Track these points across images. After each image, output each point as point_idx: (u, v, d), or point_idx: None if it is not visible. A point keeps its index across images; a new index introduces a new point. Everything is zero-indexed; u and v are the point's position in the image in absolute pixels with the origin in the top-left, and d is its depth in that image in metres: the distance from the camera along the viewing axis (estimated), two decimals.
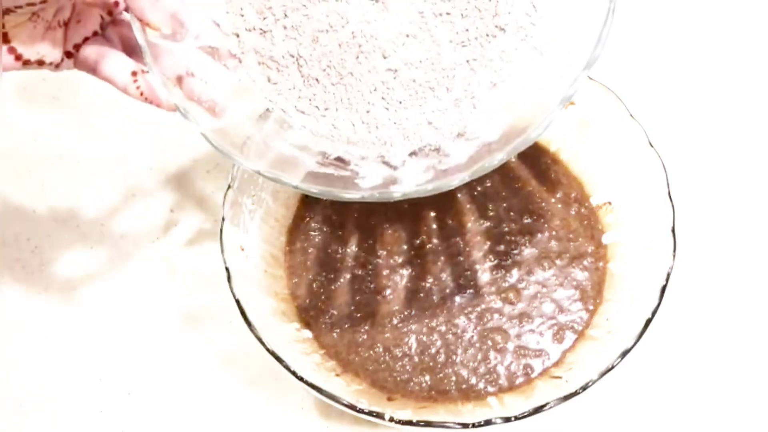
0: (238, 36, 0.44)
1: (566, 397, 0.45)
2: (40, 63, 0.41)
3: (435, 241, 0.56)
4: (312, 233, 0.57)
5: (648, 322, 0.47)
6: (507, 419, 0.45)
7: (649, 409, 0.54)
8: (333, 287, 0.55)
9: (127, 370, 0.55)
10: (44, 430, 0.53)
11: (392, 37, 0.43)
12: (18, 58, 0.40)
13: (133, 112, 0.63)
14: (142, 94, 0.41)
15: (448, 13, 0.43)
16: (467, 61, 0.43)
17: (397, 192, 0.40)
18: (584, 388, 0.45)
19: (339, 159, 0.44)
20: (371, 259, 0.56)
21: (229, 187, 0.52)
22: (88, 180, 0.63)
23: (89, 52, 0.41)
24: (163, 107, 0.41)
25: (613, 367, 0.46)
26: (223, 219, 0.50)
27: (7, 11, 0.38)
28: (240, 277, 0.50)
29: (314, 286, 0.55)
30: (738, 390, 0.54)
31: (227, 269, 0.49)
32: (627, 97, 0.55)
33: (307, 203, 0.58)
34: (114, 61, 0.41)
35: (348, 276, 0.55)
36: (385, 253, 0.56)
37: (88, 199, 0.62)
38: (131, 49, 0.42)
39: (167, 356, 0.56)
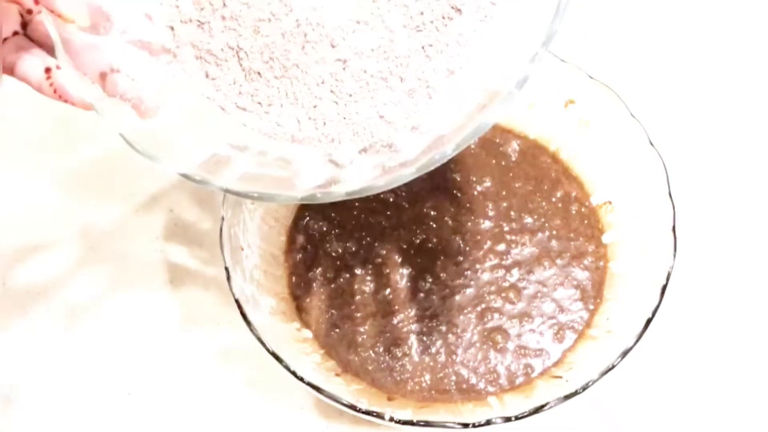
0: (172, 29, 0.41)
1: (566, 397, 0.45)
2: None
3: (435, 240, 0.56)
4: (312, 233, 0.57)
5: (648, 321, 0.47)
6: (507, 419, 0.45)
7: (649, 409, 0.54)
8: (333, 287, 0.55)
9: (127, 370, 0.55)
10: (44, 430, 0.53)
11: (341, 24, 0.39)
12: None
13: None
14: (55, 91, 0.38)
15: None
16: (422, 47, 0.40)
17: (339, 191, 0.37)
18: (584, 387, 0.45)
19: (280, 158, 0.40)
20: (371, 258, 0.56)
21: None
22: (88, 179, 0.62)
23: (7, 52, 0.39)
24: (77, 105, 0.38)
25: (613, 367, 0.46)
26: (223, 219, 0.50)
27: None
28: (240, 277, 0.50)
29: (314, 285, 0.55)
30: (738, 390, 0.54)
31: (227, 269, 0.49)
32: (627, 96, 0.55)
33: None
34: (29, 60, 0.38)
35: (348, 275, 0.55)
36: (385, 252, 0.56)
37: (88, 199, 0.62)
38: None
39: (167, 356, 0.56)
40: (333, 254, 0.56)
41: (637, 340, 0.46)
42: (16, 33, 0.39)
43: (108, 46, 0.39)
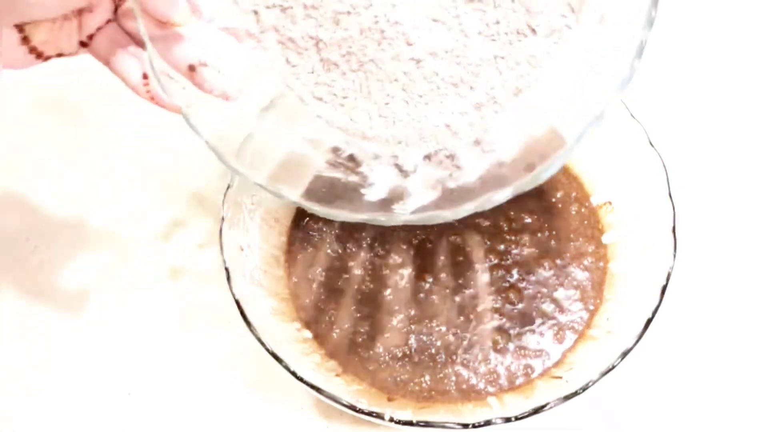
0: (256, 13, 0.41)
1: (566, 397, 0.45)
2: (59, 55, 0.41)
3: (435, 240, 0.56)
4: (312, 233, 0.57)
5: (648, 322, 0.47)
6: (507, 419, 0.45)
7: (649, 409, 0.54)
8: (333, 287, 0.55)
9: (127, 370, 0.55)
10: (44, 430, 0.53)
11: (418, 22, 0.40)
12: (39, 55, 0.39)
13: (133, 112, 0.63)
14: (152, 98, 0.41)
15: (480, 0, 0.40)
16: (494, 58, 0.40)
17: (399, 218, 0.38)
18: (584, 388, 0.45)
19: (351, 158, 0.42)
20: (371, 258, 0.56)
21: (228, 187, 0.52)
22: (88, 179, 0.63)
23: (102, 44, 0.40)
24: (167, 109, 0.40)
25: (613, 367, 0.46)
26: (223, 219, 0.50)
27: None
28: (240, 277, 0.50)
29: (314, 286, 0.55)
30: (738, 390, 0.54)
31: (227, 269, 0.49)
32: (627, 96, 0.55)
33: None
34: (126, 59, 0.40)
35: (348, 276, 0.55)
36: (384, 253, 0.56)
37: (88, 198, 0.62)
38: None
39: (167, 356, 0.56)
40: (333, 254, 0.56)
41: (637, 341, 0.46)
42: (109, 21, 0.41)
43: (196, 37, 0.39)
